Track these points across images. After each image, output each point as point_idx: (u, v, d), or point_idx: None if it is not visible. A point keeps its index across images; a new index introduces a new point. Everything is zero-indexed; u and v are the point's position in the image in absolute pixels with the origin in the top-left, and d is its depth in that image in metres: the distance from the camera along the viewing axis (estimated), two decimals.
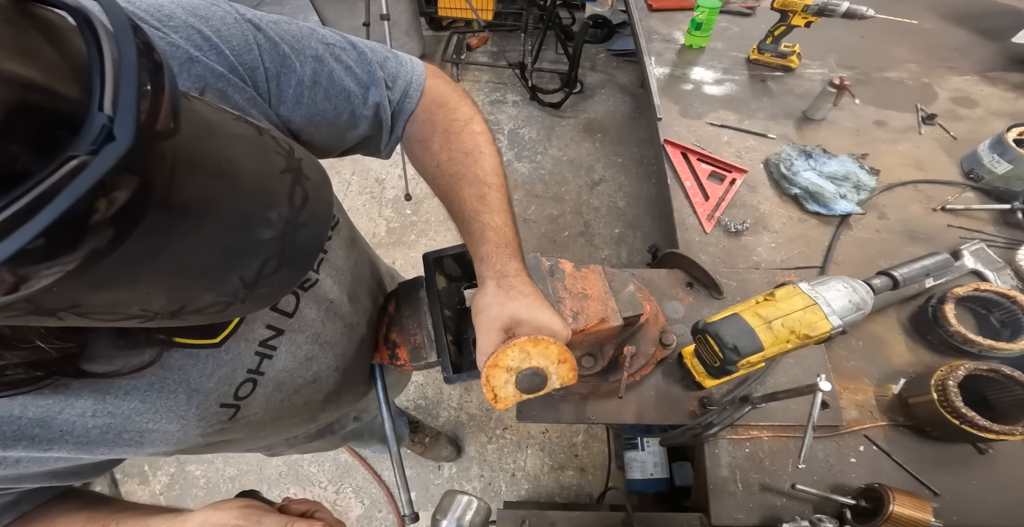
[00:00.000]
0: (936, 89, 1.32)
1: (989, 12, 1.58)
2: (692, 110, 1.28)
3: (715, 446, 0.77)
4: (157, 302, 0.23)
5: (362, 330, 0.62)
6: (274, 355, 0.47)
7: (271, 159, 0.27)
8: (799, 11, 1.24)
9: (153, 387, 0.38)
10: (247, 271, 0.25)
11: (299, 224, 0.27)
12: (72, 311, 0.21)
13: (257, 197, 0.25)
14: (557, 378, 0.34)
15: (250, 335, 0.44)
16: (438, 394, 1.80)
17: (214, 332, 0.41)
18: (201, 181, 0.23)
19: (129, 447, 0.39)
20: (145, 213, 0.20)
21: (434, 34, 3.21)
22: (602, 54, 3.04)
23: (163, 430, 0.39)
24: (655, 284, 0.91)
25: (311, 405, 0.58)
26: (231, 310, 0.26)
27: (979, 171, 1.06)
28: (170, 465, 1.64)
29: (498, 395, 0.34)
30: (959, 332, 0.79)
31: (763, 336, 0.59)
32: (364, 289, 0.64)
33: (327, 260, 0.53)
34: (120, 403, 0.36)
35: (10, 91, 0.16)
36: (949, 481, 0.72)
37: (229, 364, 0.43)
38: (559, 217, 2.28)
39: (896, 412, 0.79)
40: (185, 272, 0.23)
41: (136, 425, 0.38)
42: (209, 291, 0.25)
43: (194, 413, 0.41)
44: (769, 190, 1.09)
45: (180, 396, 0.39)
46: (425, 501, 1.58)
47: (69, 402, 0.34)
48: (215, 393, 0.42)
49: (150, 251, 0.21)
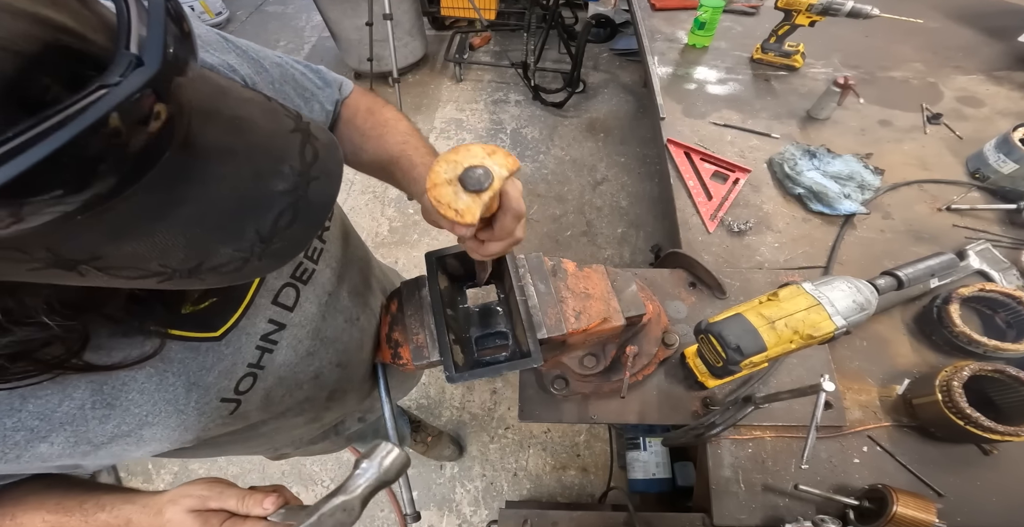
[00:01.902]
0: (942, 88, 1.31)
1: (995, 11, 1.57)
2: (695, 109, 1.28)
3: (718, 446, 0.76)
4: (175, 256, 0.23)
5: (362, 325, 0.62)
6: (275, 349, 0.48)
7: (280, 120, 0.28)
8: (803, 10, 1.23)
9: (152, 379, 0.38)
10: (263, 223, 0.25)
11: (311, 178, 0.27)
12: (93, 264, 0.21)
13: (270, 152, 0.26)
14: (499, 167, 0.32)
15: (251, 329, 0.45)
16: (440, 393, 1.80)
17: (215, 325, 0.42)
18: (216, 132, 0.23)
19: (130, 439, 0.39)
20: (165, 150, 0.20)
21: (437, 34, 3.22)
22: (605, 54, 3.04)
23: (163, 424, 0.40)
24: (658, 284, 0.91)
25: (315, 403, 0.58)
26: (248, 268, 0.26)
27: (985, 171, 1.06)
28: (173, 464, 1.65)
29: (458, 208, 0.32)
30: (964, 333, 0.78)
31: (766, 336, 0.58)
32: (363, 283, 0.65)
33: (325, 251, 0.54)
34: (118, 395, 0.37)
35: (44, 30, 0.17)
36: (953, 482, 0.72)
37: (230, 358, 0.43)
38: (562, 216, 2.28)
39: (900, 413, 0.78)
40: (203, 223, 0.24)
41: (135, 418, 0.38)
42: (226, 245, 0.25)
43: (194, 407, 0.41)
44: (773, 190, 1.09)
45: (179, 389, 0.40)
46: (427, 501, 1.59)
47: (68, 393, 0.34)
48: (215, 387, 0.42)
49: (167, 199, 0.22)
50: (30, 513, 0.43)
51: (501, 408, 1.75)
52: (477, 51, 3.11)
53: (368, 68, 2.62)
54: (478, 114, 2.75)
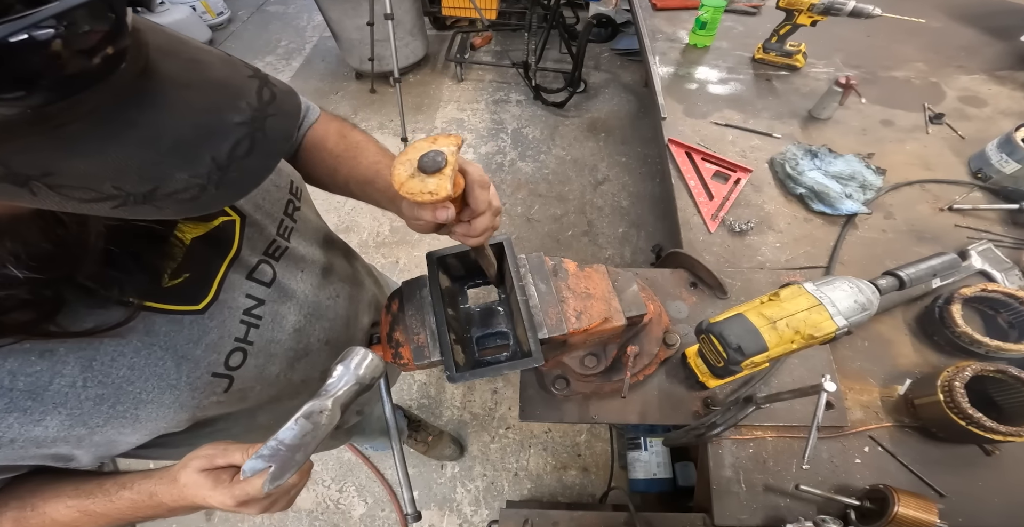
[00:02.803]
0: (944, 88, 1.31)
1: (998, 11, 1.57)
2: (696, 109, 1.28)
3: (719, 446, 0.76)
4: (129, 179, 0.23)
5: (344, 304, 0.64)
6: (260, 325, 0.48)
7: (238, 68, 0.29)
8: (805, 10, 1.23)
9: (140, 353, 0.38)
10: (219, 151, 0.26)
11: (268, 114, 0.28)
12: (45, 181, 0.21)
13: (227, 88, 0.27)
14: (445, 146, 0.36)
15: (232, 303, 0.46)
16: (441, 393, 1.80)
17: (196, 298, 0.43)
18: (174, 67, 0.25)
19: (125, 420, 0.39)
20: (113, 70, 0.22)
21: (438, 33, 3.22)
22: (606, 53, 3.03)
23: (157, 401, 0.40)
24: (659, 284, 0.91)
25: (309, 384, 0.59)
26: (206, 197, 0.26)
27: (987, 171, 1.05)
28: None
29: (430, 190, 0.35)
30: (966, 333, 0.78)
31: (767, 336, 0.58)
32: (340, 265, 0.67)
33: (296, 230, 0.55)
34: (109, 371, 0.37)
35: None
36: (955, 482, 0.72)
37: (215, 331, 0.44)
38: (563, 216, 2.28)
39: (902, 413, 0.78)
40: (157, 146, 0.24)
41: (129, 396, 0.39)
42: (182, 170, 0.25)
43: (185, 382, 0.41)
44: (774, 190, 1.08)
45: (168, 363, 0.40)
46: (428, 500, 1.59)
47: (57, 370, 0.35)
48: (204, 361, 0.43)
49: (121, 120, 0.23)
50: (51, 501, 0.44)
51: (502, 408, 1.75)
52: (478, 51, 3.11)
53: (369, 68, 2.62)
54: (479, 114, 2.75)
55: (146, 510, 0.45)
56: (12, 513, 0.43)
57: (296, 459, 0.40)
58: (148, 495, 0.44)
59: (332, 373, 0.44)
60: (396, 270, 2.10)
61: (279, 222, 0.52)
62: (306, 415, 0.40)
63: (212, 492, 0.41)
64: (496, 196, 0.46)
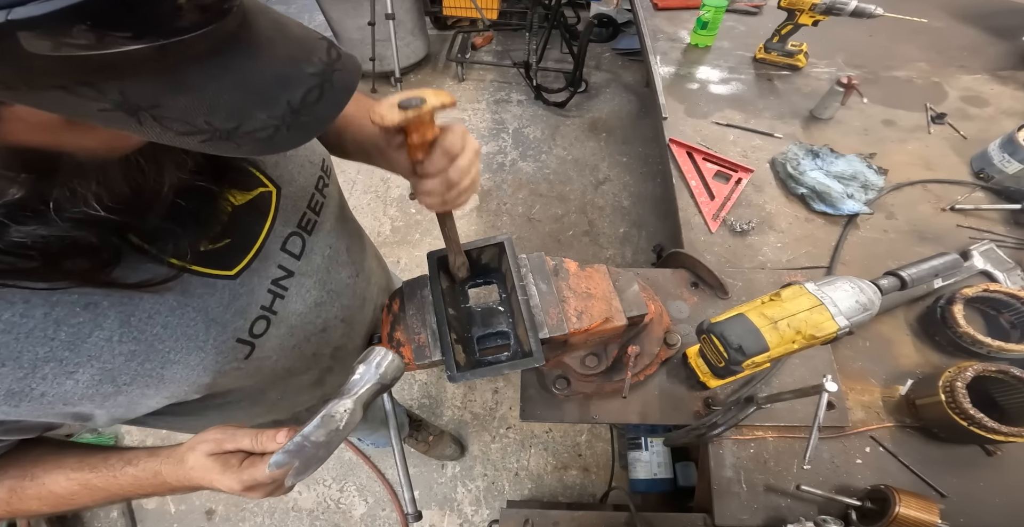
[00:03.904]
0: (946, 88, 1.31)
1: (1000, 11, 1.56)
2: (698, 109, 1.27)
3: (719, 446, 0.76)
4: (219, 115, 0.27)
5: (362, 285, 0.66)
6: (286, 296, 0.50)
7: (310, 31, 0.33)
8: (806, 10, 1.23)
9: (174, 313, 0.40)
10: (293, 96, 0.29)
11: (335, 69, 0.31)
12: (152, 112, 0.25)
13: (302, 46, 0.31)
14: (432, 97, 0.40)
15: (263, 271, 0.48)
16: (441, 393, 1.81)
17: (230, 264, 0.45)
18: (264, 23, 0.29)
19: (151, 379, 0.40)
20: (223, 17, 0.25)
21: (439, 33, 3.22)
22: (607, 53, 3.03)
23: (183, 362, 0.42)
24: (660, 284, 0.91)
25: (320, 360, 0.61)
26: (278, 137, 0.29)
27: (989, 171, 1.05)
28: None
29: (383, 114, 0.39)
30: (968, 333, 0.78)
31: (769, 336, 0.58)
32: (360, 247, 0.69)
33: (326, 205, 0.57)
34: (144, 328, 0.39)
35: None
36: (956, 483, 0.72)
37: (244, 297, 0.46)
38: (564, 216, 2.28)
39: (903, 413, 0.78)
40: (245, 88, 0.28)
41: (159, 354, 0.40)
42: (262, 111, 0.28)
43: (212, 345, 0.43)
44: (775, 190, 1.08)
45: (199, 325, 0.42)
46: (429, 500, 1.59)
47: (98, 322, 0.37)
48: (232, 326, 0.44)
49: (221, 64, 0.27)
50: (52, 472, 0.45)
51: (503, 408, 1.75)
52: (479, 51, 3.11)
53: (371, 68, 2.62)
54: (480, 114, 2.75)
55: (147, 488, 0.46)
56: (10, 482, 0.44)
57: (319, 455, 0.40)
58: (153, 474, 0.45)
59: (355, 372, 0.45)
60: (397, 270, 2.10)
61: (311, 197, 0.54)
62: (330, 414, 0.41)
63: (220, 476, 0.41)
64: (467, 173, 0.47)
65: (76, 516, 1.54)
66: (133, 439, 1.70)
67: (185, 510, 1.58)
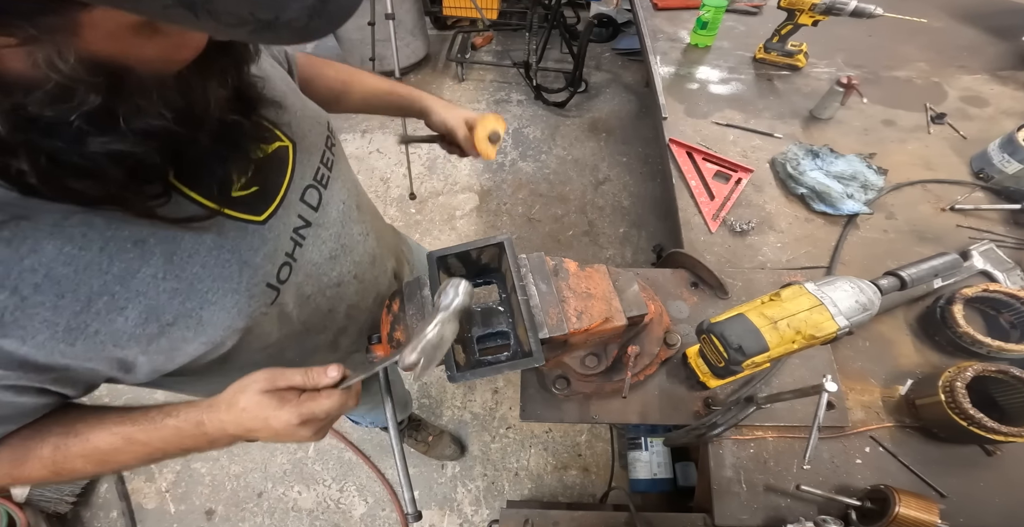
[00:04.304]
0: (946, 88, 1.31)
1: (1000, 11, 1.56)
2: (697, 109, 1.27)
3: (719, 446, 0.76)
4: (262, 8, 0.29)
5: (372, 244, 0.69)
6: (304, 244, 0.54)
7: None
8: (806, 10, 1.23)
9: (212, 253, 0.43)
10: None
11: None
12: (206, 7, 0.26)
13: None
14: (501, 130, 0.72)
15: (286, 219, 0.51)
16: (441, 393, 1.81)
17: (259, 210, 0.48)
18: None
19: (191, 321, 0.43)
20: None
21: (439, 33, 3.22)
22: (607, 53, 3.03)
23: (219, 304, 0.44)
24: (660, 284, 0.91)
25: (335, 318, 0.64)
26: (311, 25, 0.30)
27: (989, 171, 1.05)
28: (176, 463, 1.65)
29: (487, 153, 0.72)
30: (968, 333, 0.78)
31: (768, 336, 0.58)
32: (367, 207, 0.73)
33: (335, 162, 0.61)
34: (185, 267, 0.42)
35: None
36: (956, 483, 0.72)
37: (272, 243, 0.49)
38: (563, 216, 2.28)
39: (903, 413, 0.78)
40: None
41: (198, 294, 0.43)
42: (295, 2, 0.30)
43: (245, 287, 0.46)
44: (775, 190, 1.08)
45: (233, 267, 0.45)
46: (428, 500, 1.59)
47: (145, 259, 0.40)
48: (261, 270, 0.48)
49: None
50: (96, 429, 0.46)
51: (502, 408, 1.75)
52: (479, 51, 3.11)
53: (370, 68, 2.62)
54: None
55: (187, 440, 0.47)
56: (55, 439, 0.45)
57: (436, 356, 0.43)
58: (194, 424, 0.46)
59: (444, 294, 0.48)
60: None
61: (322, 153, 0.58)
62: (440, 321, 0.44)
63: (277, 411, 0.43)
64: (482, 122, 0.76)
65: (76, 516, 1.54)
66: None
67: (185, 510, 1.58)
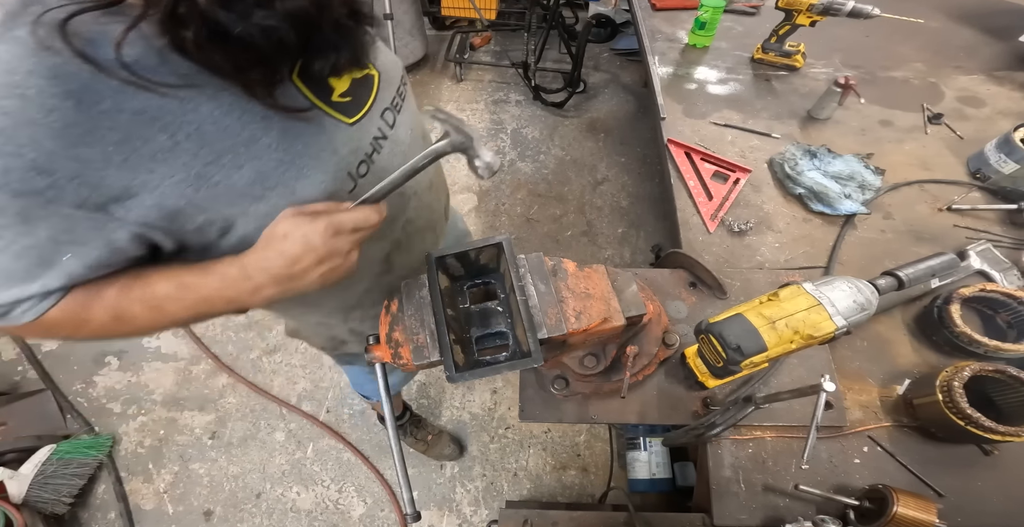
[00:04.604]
0: (942, 88, 1.31)
1: (996, 11, 1.57)
2: (696, 109, 1.28)
3: (718, 446, 0.76)
4: None
5: (430, 170, 0.74)
6: (380, 152, 0.61)
7: None
8: (804, 10, 1.23)
9: (314, 137, 0.51)
10: None
11: None
12: None
13: None
14: None
15: (369, 128, 0.59)
16: (440, 393, 1.80)
17: (351, 114, 0.56)
18: None
19: (286, 190, 0.50)
20: None
21: (437, 33, 3.22)
22: (605, 53, 3.04)
23: (311, 179, 0.51)
24: (658, 284, 0.91)
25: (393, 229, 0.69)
26: None
27: (986, 171, 1.06)
28: (174, 464, 1.65)
29: None
30: (965, 333, 0.78)
31: (767, 336, 0.58)
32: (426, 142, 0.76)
33: (407, 99, 0.68)
34: (293, 142, 0.49)
35: None
36: (954, 482, 0.72)
37: (356, 141, 0.57)
38: (562, 216, 2.28)
39: (900, 413, 0.78)
40: None
41: (297, 167, 0.50)
42: None
43: (332, 170, 0.53)
44: (773, 190, 1.09)
45: (327, 152, 0.53)
46: (427, 500, 1.59)
47: (267, 131, 0.48)
48: (347, 161, 0.55)
49: None
50: (158, 274, 0.51)
51: (501, 408, 1.75)
52: (477, 51, 3.11)
53: None
54: (479, 114, 2.75)
55: (230, 287, 0.51)
56: (124, 280, 0.50)
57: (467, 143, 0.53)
58: (239, 267, 0.50)
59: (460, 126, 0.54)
60: None
61: (397, 87, 0.65)
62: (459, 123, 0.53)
63: (313, 224, 0.48)
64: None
65: (74, 517, 1.54)
66: (131, 440, 1.70)
67: (183, 511, 1.57)
